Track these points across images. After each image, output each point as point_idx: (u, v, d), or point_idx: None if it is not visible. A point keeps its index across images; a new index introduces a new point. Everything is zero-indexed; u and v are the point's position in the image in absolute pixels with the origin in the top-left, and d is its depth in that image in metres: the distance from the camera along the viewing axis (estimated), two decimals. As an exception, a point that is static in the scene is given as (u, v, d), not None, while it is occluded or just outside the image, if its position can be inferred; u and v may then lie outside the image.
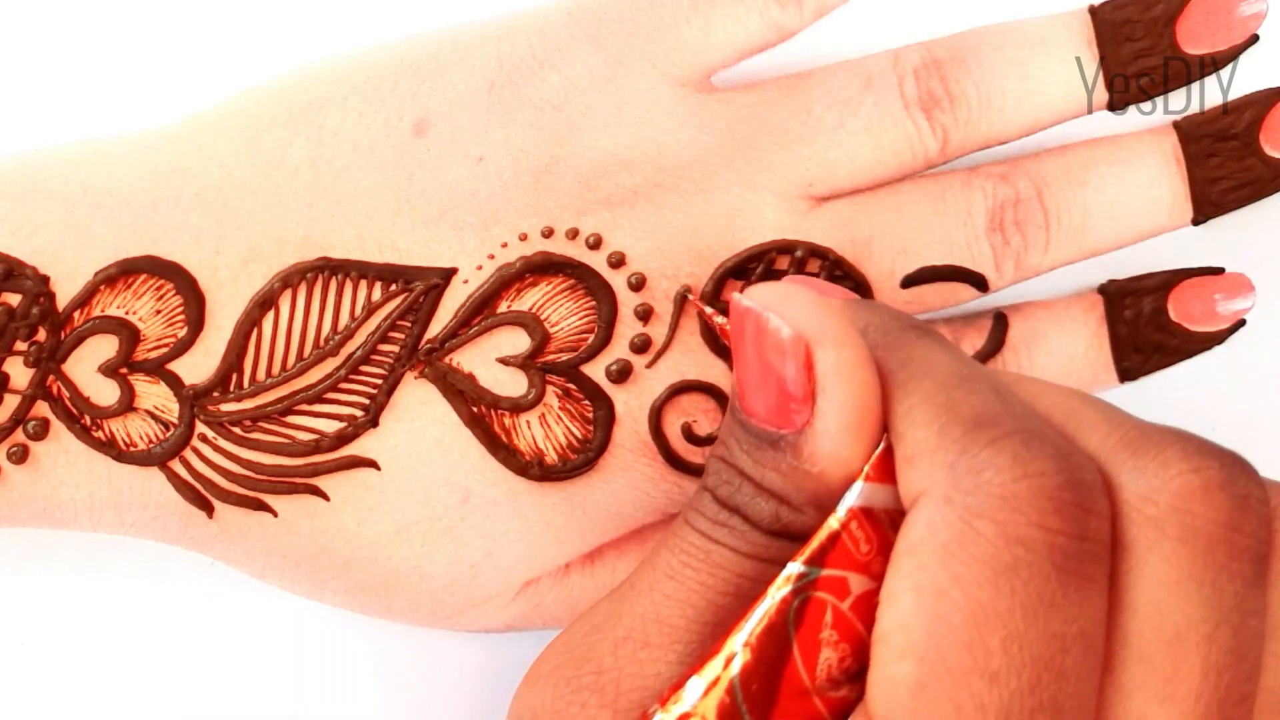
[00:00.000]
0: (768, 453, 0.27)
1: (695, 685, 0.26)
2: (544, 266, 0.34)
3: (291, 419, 0.33)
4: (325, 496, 0.34)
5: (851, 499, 0.27)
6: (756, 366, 0.27)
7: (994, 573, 0.25)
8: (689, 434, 0.35)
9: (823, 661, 0.26)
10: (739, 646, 0.26)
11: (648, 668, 0.28)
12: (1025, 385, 0.28)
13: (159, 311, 0.33)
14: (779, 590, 0.26)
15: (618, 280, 0.34)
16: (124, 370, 0.33)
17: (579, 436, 0.34)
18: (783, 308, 0.27)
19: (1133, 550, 0.26)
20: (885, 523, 0.27)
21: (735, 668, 0.26)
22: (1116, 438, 0.27)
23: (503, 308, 0.34)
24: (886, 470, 0.27)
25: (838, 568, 0.26)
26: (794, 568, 0.26)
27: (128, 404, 0.33)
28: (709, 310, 0.33)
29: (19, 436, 0.32)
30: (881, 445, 0.27)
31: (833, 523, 0.27)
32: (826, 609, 0.26)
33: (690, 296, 0.34)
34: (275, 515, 0.34)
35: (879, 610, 0.26)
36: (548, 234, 0.34)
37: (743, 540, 0.28)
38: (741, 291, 0.28)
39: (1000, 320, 0.36)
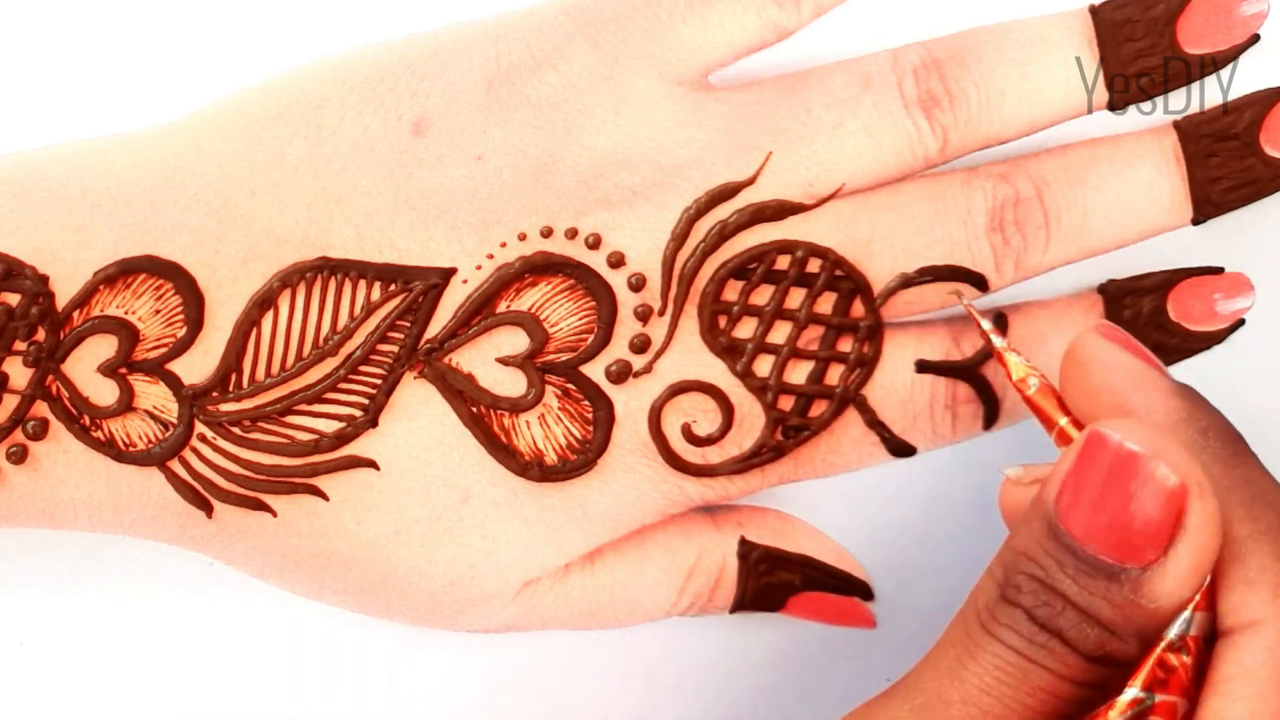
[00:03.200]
0: (1100, 582, 0.28)
1: None
2: (543, 266, 0.34)
3: (291, 419, 0.33)
4: (324, 496, 0.34)
5: (1186, 627, 0.28)
6: (1120, 504, 0.28)
7: None
8: (688, 434, 0.35)
9: None
10: None
11: None
12: None
13: (158, 311, 0.33)
14: (1120, 716, 0.28)
15: (617, 280, 0.34)
16: (123, 370, 0.33)
17: (578, 437, 0.34)
18: (1166, 454, 0.28)
19: None
20: (1202, 649, 0.28)
21: None
22: None
23: (502, 308, 0.34)
24: (1207, 600, 0.28)
25: (1171, 693, 0.28)
26: (1132, 693, 0.28)
27: (127, 404, 0.33)
28: (986, 325, 0.33)
29: (18, 436, 0.32)
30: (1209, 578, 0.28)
31: (1170, 651, 0.28)
32: None
33: (965, 301, 0.34)
34: (274, 515, 0.34)
35: None
36: (547, 234, 0.34)
37: (1061, 664, 0.28)
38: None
39: (1000, 320, 0.36)
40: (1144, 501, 0.28)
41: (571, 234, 0.34)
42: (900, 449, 0.36)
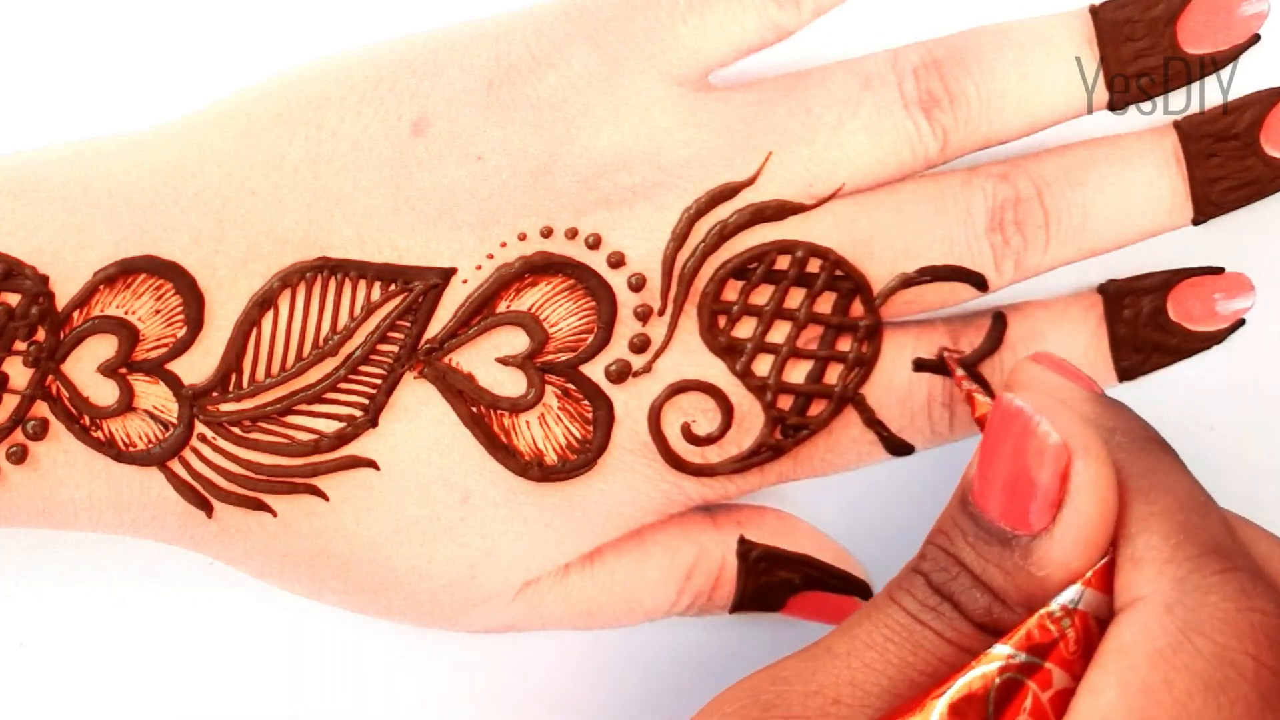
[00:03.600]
0: (994, 549, 0.29)
1: None
2: (543, 266, 0.34)
3: (291, 419, 0.33)
4: (324, 496, 0.34)
5: (1070, 599, 0.28)
6: (1010, 466, 0.29)
7: (1204, 686, 0.26)
8: (688, 434, 0.35)
9: None
10: (942, 707, 0.28)
11: None
12: (1243, 528, 0.30)
13: (158, 311, 0.33)
14: (985, 665, 0.28)
15: (617, 280, 0.34)
16: (123, 370, 0.33)
17: (578, 437, 0.34)
18: (1052, 414, 0.28)
19: None
20: (1094, 629, 0.28)
21: None
22: None
23: (502, 307, 0.34)
24: (1104, 581, 0.28)
25: (1046, 659, 0.28)
26: (1004, 649, 0.28)
27: (127, 404, 0.33)
28: (960, 372, 0.34)
29: (18, 436, 0.32)
30: (1105, 559, 0.28)
31: (1049, 619, 0.28)
32: (1028, 695, 0.28)
33: (948, 353, 0.35)
34: (274, 515, 0.34)
35: (1076, 700, 0.27)
36: (547, 234, 0.34)
37: (949, 627, 0.29)
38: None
39: (999, 319, 0.36)
40: (1032, 462, 0.28)
41: (571, 234, 0.34)
42: (898, 447, 0.36)
